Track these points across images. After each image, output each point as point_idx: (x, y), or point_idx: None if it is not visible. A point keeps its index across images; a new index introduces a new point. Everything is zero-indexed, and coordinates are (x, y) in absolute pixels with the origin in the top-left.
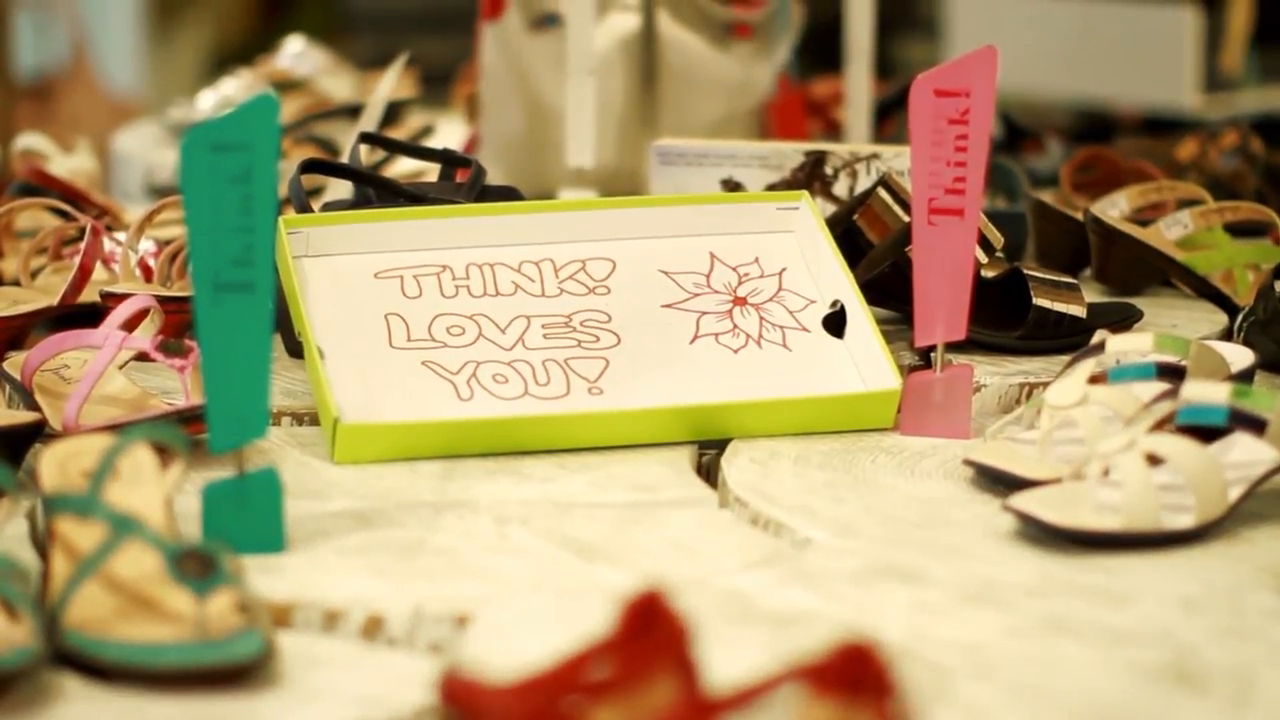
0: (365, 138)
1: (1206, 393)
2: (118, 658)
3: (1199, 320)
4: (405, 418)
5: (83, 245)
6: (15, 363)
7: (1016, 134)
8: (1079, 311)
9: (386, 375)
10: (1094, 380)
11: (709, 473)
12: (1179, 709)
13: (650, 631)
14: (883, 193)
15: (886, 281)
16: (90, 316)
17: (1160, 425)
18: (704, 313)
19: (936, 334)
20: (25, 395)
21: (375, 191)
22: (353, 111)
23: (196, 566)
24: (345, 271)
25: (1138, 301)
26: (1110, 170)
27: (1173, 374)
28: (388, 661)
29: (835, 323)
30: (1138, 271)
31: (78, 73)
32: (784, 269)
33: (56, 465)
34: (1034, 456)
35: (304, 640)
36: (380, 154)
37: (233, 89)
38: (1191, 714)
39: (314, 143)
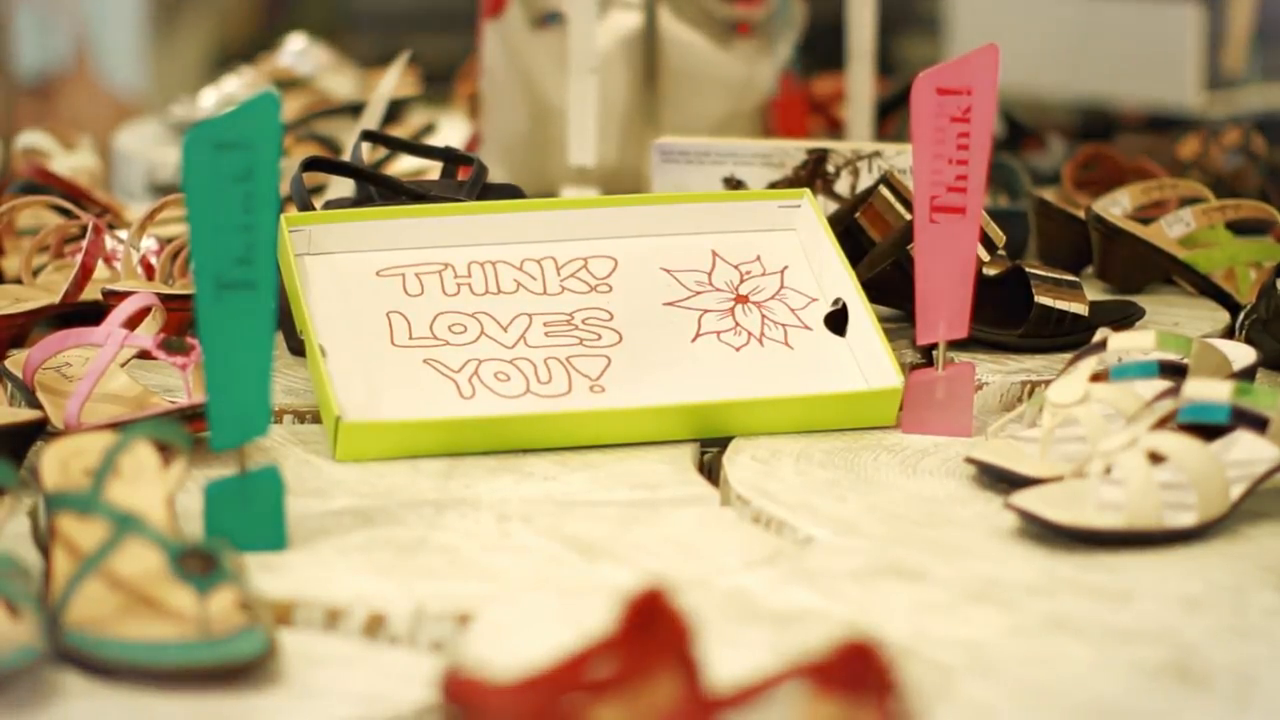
0: (367, 135)
1: (1208, 391)
2: (119, 656)
3: (1201, 318)
4: (407, 416)
5: (84, 243)
6: (17, 361)
7: (1018, 132)
8: (1081, 309)
9: (388, 373)
10: (1096, 378)
11: (710, 471)
12: (1181, 708)
13: (652, 630)
14: (885, 191)
15: (888, 279)
16: (92, 314)
17: (1162, 423)
18: (706, 311)
19: (938, 332)
20: (27, 393)
21: (377, 189)
22: (355, 109)
23: (198, 565)
24: (347, 269)
25: (1139, 299)
26: (1112, 168)
27: (1174, 372)
28: (389, 660)
29: (837, 321)
30: (1140, 269)
31: (80, 71)
32: (786, 267)
33: (58, 463)
34: (1036, 455)
35: (305, 638)
36: (382, 152)
37: (235, 87)
38: (1193, 713)
39: (316, 141)
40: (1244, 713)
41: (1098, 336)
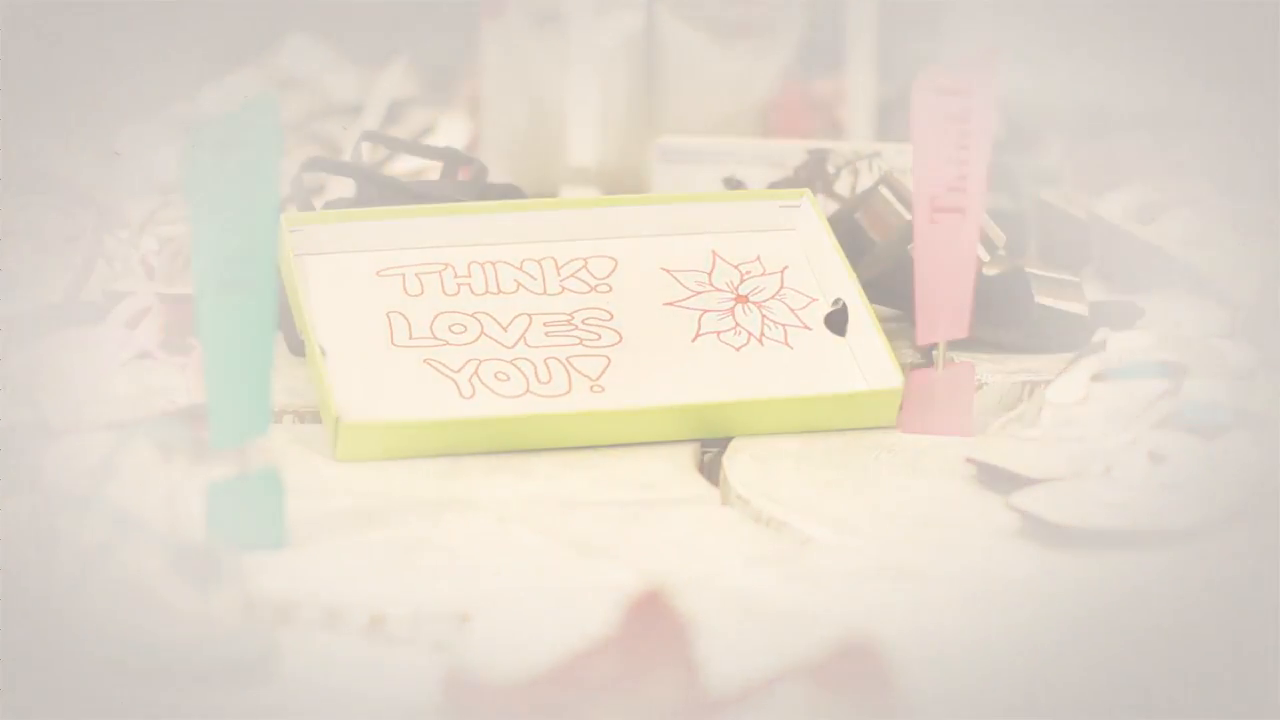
0: (367, 135)
1: (1208, 391)
2: (120, 655)
3: (1200, 318)
4: (407, 416)
5: (84, 243)
6: (18, 361)
7: (1018, 132)
8: (1081, 309)
9: (388, 373)
10: (1096, 378)
11: (710, 471)
12: (1182, 707)
13: (652, 629)
14: (885, 191)
15: (888, 279)
16: (92, 315)
17: (1162, 423)
18: (706, 310)
19: (938, 332)
20: (29, 393)
21: (377, 189)
22: (354, 110)
23: (199, 565)
24: (347, 269)
25: (1139, 299)
26: (1112, 168)
27: (1175, 372)
28: (389, 660)
29: (837, 321)
30: (1139, 269)
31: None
32: (786, 267)
33: (59, 463)
34: (1036, 455)
35: (305, 638)
36: (382, 152)
37: (235, 87)
38: (1195, 712)
39: (316, 141)
40: (1246, 713)
41: (1098, 336)
